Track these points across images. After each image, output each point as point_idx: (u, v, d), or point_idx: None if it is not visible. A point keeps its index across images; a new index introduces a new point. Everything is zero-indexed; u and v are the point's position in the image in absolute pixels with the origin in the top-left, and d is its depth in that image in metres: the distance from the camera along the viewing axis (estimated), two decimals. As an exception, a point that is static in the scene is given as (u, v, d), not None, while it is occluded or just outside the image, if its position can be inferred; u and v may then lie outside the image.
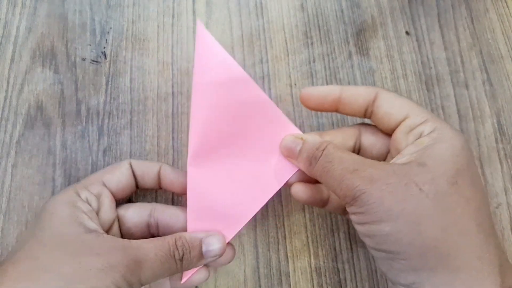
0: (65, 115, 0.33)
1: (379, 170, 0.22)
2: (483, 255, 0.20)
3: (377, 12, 0.37)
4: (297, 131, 0.27)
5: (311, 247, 0.30)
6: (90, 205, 0.24)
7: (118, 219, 0.27)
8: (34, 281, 0.20)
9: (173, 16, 0.36)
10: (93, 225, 0.23)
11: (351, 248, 0.30)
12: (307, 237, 0.30)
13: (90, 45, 0.35)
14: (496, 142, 0.33)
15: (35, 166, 0.31)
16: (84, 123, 0.32)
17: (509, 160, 0.33)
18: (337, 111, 0.27)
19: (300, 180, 0.27)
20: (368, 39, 0.36)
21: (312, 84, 0.34)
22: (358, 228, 0.23)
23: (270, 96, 0.34)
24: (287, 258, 0.30)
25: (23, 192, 0.31)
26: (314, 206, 0.31)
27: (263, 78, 0.34)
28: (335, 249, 0.30)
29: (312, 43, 0.36)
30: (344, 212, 0.27)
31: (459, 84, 0.35)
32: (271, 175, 0.27)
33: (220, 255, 0.25)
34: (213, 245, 0.25)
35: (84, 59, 0.34)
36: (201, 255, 0.24)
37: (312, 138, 0.26)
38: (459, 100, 0.34)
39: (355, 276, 0.30)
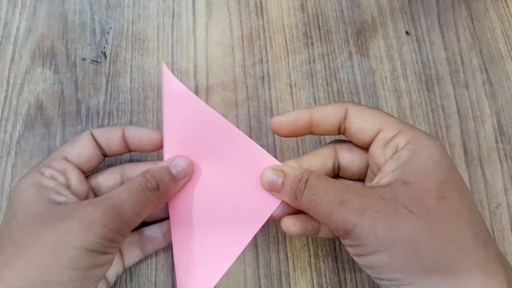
0: (65, 115, 0.33)
1: (367, 198, 0.21)
2: (486, 266, 0.20)
3: (377, 12, 0.37)
4: (275, 161, 0.26)
5: (311, 247, 0.30)
6: (56, 180, 0.24)
7: (93, 189, 0.27)
8: (20, 262, 0.20)
9: (173, 16, 0.36)
10: (61, 198, 0.23)
11: (351, 248, 0.30)
12: (307, 237, 0.30)
13: (90, 45, 0.35)
14: (496, 142, 0.33)
15: (35, 166, 0.31)
16: (84, 123, 0.32)
17: (509, 160, 0.33)
18: (311, 133, 0.26)
19: (285, 211, 0.26)
20: (368, 39, 0.36)
21: (313, 85, 0.34)
22: (357, 259, 0.22)
23: (270, 96, 0.34)
24: (287, 258, 0.30)
25: (23, 192, 0.31)
26: (307, 236, 0.30)
27: (263, 78, 0.34)
28: (335, 249, 0.30)
29: (312, 43, 0.36)
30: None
31: (459, 84, 0.35)
32: (254, 210, 0.26)
33: (191, 172, 0.26)
34: (181, 165, 0.25)
35: (84, 59, 0.34)
36: (174, 178, 0.25)
37: (292, 169, 0.25)
38: (459, 100, 0.34)
39: (355, 276, 0.30)
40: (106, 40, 0.35)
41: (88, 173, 0.27)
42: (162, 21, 0.36)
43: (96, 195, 0.27)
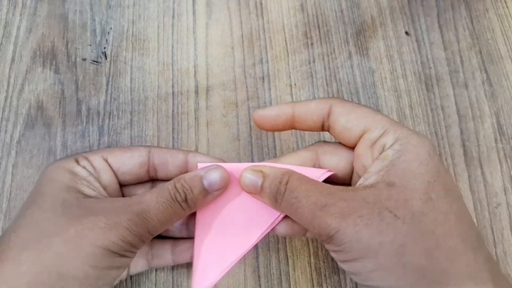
0: (65, 115, 0.33)
1: (350, 202, 0.20)
2: (474, 273, 0.19)
3: (377, 12, 0.37)
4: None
5: (311, 246, 0.30)
6: (89, 171, 0.24)
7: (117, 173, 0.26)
8: (39, 248, 0.20)
9: (173, 17, 0.36)
10: (92, 192, 0.23)
11: (351, 248, 0.30)
12: (307, 237, 0.30)
13: (90, 45, 0.35)
14: (496, 142, 0.33)
15: (36, 166, 0.31)
16: (84, 123, 0.33)
17: (508, 160, 0.33)
18: (293, 128, 0.26)
19: (290, 229, 0.25)
20: (368, 39, 0.36)
21: (312, 85, 0.34)
22: (341, 265, 0.22)
23: (270, 96, 0.34)
24: (287, 258, 0.30)
25: (24, 192, 0.31)
26: (295, 236, 0.29)
27: (263, 78, 0.34)
28: (335, 248, 0.30)
29: (312, 43, 0.36)
30: None
31: (458, 84, 0.35)
32: (260, 218, 0.25)
33: (224, 186, 0.25)
34: (214, 177, 0.24)
35: (84, 59, 0.34)
36: (205, 191, 0.24)
37: (272, 170, 0.24)
38: (459, 100, 0.34)
39: (355, 276, 0.30)
40: (107, 40, 0.35)
41: (123, 184, 0.26)
42: (162, 21, 0.36)
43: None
